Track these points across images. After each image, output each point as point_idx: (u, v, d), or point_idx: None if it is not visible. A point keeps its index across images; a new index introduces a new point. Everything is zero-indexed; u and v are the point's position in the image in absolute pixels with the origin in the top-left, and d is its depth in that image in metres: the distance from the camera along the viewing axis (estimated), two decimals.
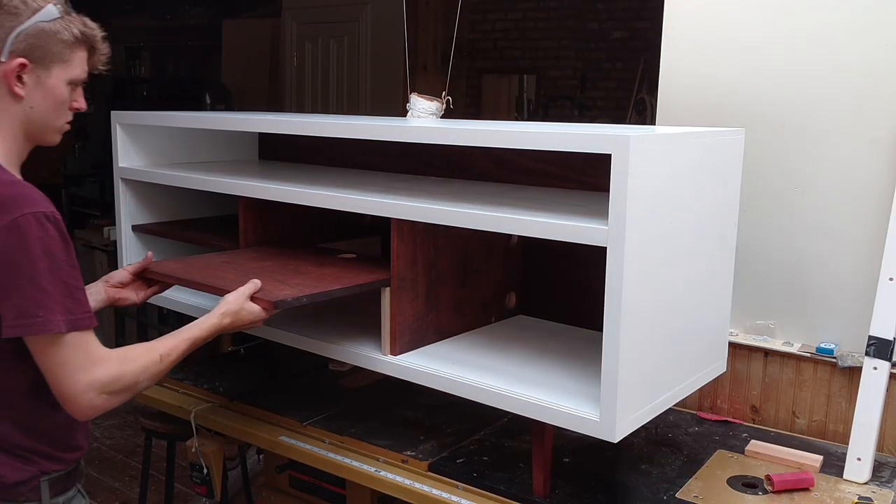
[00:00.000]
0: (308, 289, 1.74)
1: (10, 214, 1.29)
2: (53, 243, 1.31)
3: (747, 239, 2.16)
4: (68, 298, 1.32)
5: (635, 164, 1.43)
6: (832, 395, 2.15)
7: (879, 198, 2.05)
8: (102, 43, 1.49)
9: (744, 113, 2.21)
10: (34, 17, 1.37)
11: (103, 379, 1.36)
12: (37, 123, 1.43)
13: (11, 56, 1.36)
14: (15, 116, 1.41)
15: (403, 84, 2.90)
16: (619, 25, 6.67)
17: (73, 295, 1.33)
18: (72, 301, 1.32)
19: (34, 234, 1.29)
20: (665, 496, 1.77)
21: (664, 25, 2.33)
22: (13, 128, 1.41)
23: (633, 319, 1.51)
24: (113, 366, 1.38)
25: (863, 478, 1.86)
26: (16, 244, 1.28)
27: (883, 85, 2.04)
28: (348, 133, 1.94)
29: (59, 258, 1.31)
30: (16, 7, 1.35)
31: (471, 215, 1.67)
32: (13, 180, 1.37)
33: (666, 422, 2.15)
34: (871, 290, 1.94)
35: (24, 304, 1.28)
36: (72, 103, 1.47)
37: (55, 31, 1.39)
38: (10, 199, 1.31)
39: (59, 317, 1.30)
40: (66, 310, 1.31)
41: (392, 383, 2.03)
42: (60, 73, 1.42)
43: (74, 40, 1.42)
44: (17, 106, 1.40)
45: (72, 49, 1.42)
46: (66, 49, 1.41)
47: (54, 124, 1.46)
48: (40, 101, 1.41)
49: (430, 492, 1.84)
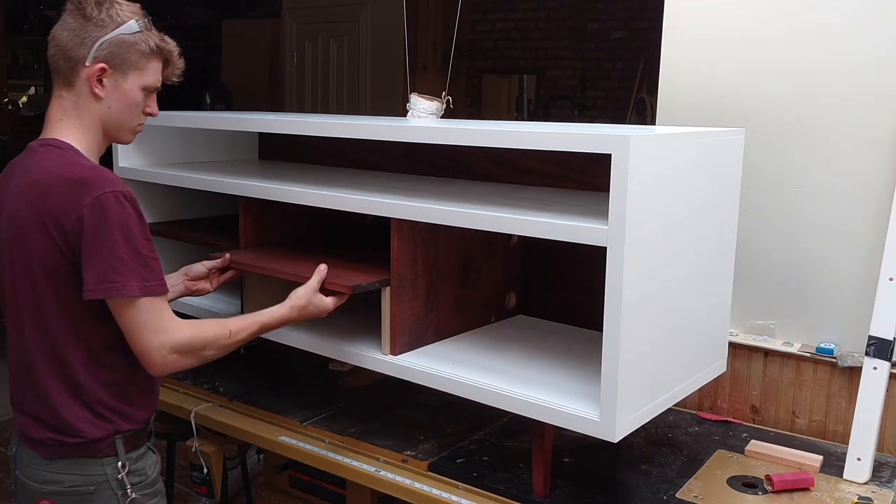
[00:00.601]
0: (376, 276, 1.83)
1: (93, 192, 1.47)
2: (129, 218, 1.49)
3: (747, 239, 2.16)
4: (142, 267, 1.49)
5: (635, 164, 1.43)
6: (832, 395, 2.15)
7: (879, 197, 2.05)
8: (178, 57, 1.68)
9: (744, 113, 2.21)
10: (117, 30, 1.56)
11: (175, 341, 1.53)
12: (113, 122, 1.62)
13: (95, 61, 1.56)
14: (95, 114, 1.60)
15: (403, 84, 2.90)
16: (619, 25, 6.68)
17: (147, 264, 1.50)
18: (145, 269, 1.49)
19: (114, 209, 1.47)
20: (665, 496, 1.77)
21: (664, 25, 2.33)
22: (93, 123, 1.61)
23: (633, 319, 1.51)
24: (186, 330, 1.56)
25: (863, 478, 1.86)
26: (98, 218, 1.46)
27: (883, 85, 2.04)
28: (348, 133, 1.94)
29: (134, 231, 1.49)
30: (102, 20, 1.56)
31: (471, 215, 1.67)
32: (95, 165, 1.57)
33: (666, 422, 2.15)
34: (871, 290, 1.94)
35: (103, 270, 1.46)
36: (145, 108, 1.65)
37: (134, 42, 1.58)
38: (93, 179, 1.50)
39: (134, 283, 1.48)
40: (140, 277, 1.48)
41: (392, 383, 2.03)
42: (136, 79, 1.60)
43: (150, 52, 1.61)
44: (97, 105, 1.59)
45: (147, 59, 1.61)
46: (142, 59, 1.60)
47: (128, 125, 1.65)
48: (117, 102, 1.60)
49: (430, 492, 1.84)
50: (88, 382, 1.55)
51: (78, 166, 1.53)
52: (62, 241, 1.48)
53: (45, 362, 1.55)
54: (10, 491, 3.63)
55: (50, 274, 1.51)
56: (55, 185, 1.50)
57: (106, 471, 1.58)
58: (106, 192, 1.48)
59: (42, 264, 1.50)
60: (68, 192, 1.48)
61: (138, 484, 1.62)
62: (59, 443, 1.56)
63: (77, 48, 1.55)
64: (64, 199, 1.48)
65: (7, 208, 1.57)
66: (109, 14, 1.56)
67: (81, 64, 1.56)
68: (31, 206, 1.51)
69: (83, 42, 1.55)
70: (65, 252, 1.49)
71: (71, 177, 1.50)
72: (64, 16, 1.58)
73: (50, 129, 1.61)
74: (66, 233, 1.48)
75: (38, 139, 1.61)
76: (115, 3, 1.58)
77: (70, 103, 1.59)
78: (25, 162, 1.59)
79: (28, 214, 1.51)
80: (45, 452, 1.57)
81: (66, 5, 1.58)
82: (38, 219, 1.50)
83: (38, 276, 1.51)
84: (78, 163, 1.55)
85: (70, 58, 1.56)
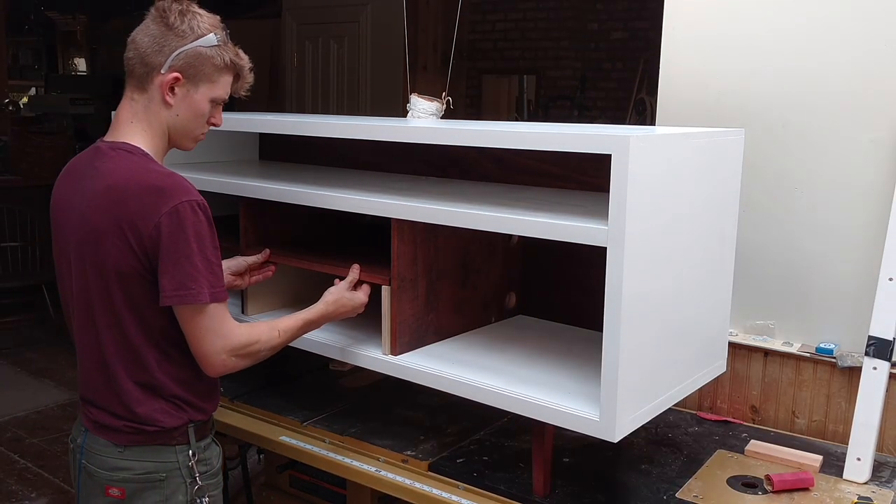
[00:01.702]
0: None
1: (171, 201, 1.52)
2: (203, 227, 1.54)
3: (747, 239, 2.16)
4: (211, 275, 1.55)
5: (635, 164, 1.43)
6: (832, 395, 2.15)
7: (879, 197, 2.05)
8: (248, 73, 1.71)
9: (744, 112, 2.22)
10: (196, 42, 1.59)
11: (234, 343, 1.59)
12: (178, 129, 1.66)
13: (170, 70, 1.59)
14: (163, 120, 1.63)
15: (403, 84, 2.90)
16: (619, 26, 6.68)
17: (214, 272, 1.56)
18: (213, 277, 1.55)
19: (189, 219, 1.52)
20: (665, 496, 1.77)
21: (664, 25, 2.33)
22: (161, 128, 1.64)
23: (633, 319, 1.51)
24: (243, 333, 1.61)
25: (862, 478, 1.86)
26: (175, 227, 1.51)
27: (883, 84, 2.04)
28: (349, 133, 1.94)
29: (206, 240, 1.54)
30: (184, 31, 1.59)
31: (471, 215, 1.68)
32: (170, 172, 1.59)
33: (666, 422, 2.15)
34: (870, 290, 1.94)
35: (180, 277, 1.52)
36: (210, 118, 1.68)
37: (210, 55, 1.61)
38: (171, 188, 1.54)
39: (206, 290, 1.53)
40: (210, 284, 1.54)
41: (392, 383, 2.04)
42: (206, 91, 1.64)
43: (224, 66, 1.64)
44: (166, 112, 1.62)
45: (220, 73, 1.64)
46: (215, 72, 1.63)
47: (192, 133, 1.68)
48: (185, 111, 1.63)
49: (431, 492, 1.84)
50: (162, 378, 1.60)
51: (154, 173, 1.57)
52: (138, 246, 1.52)
53: (122, 362, 1.59)
54: (10, 491, 3.63)
55: (124, 277, 1.54)
56: (132, 191, 1.53)
57: (178, 458, 1.63)
58: (183, 202, 1.52)
59: (116, 268, 1.54)
60: (146, 199, 1.52)
61: (205, 473, 1.68)
62: (136, 429, 1.60)
63: (155, 55, 1.58)
64: (142, 206, 1.51)
65: (78, 211, 1.59)
66: (191, 25, 1.59)
67: (157, 71, 1.59)
68: (107, 210, 1.53)
69: (161, 50, 1.58)
70: (140, 257, 1.52)
71: (149, 184, 1.54)
72: (146, 21, 1.61)
73: (119, 130, 1.63)
74: (143, 238, 1.51)
75: (106, 140, 1.64)
76: (198, 15, 1.61)
77: (141, 107, 1.62)
78: (96, 165, 1.60)
79: (104, 219, 1.54)
80: (120, 440, 1.61)
81: (149, 10, 1.61)
82: (115, 223, 1.52)
83: (111, 279, 1.55)
84: (153, 169, 1.58)
85: (147, 63, 1.59)
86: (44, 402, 4.63)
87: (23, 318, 5.98)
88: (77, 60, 10.75)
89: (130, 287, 1.55)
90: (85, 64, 10.50)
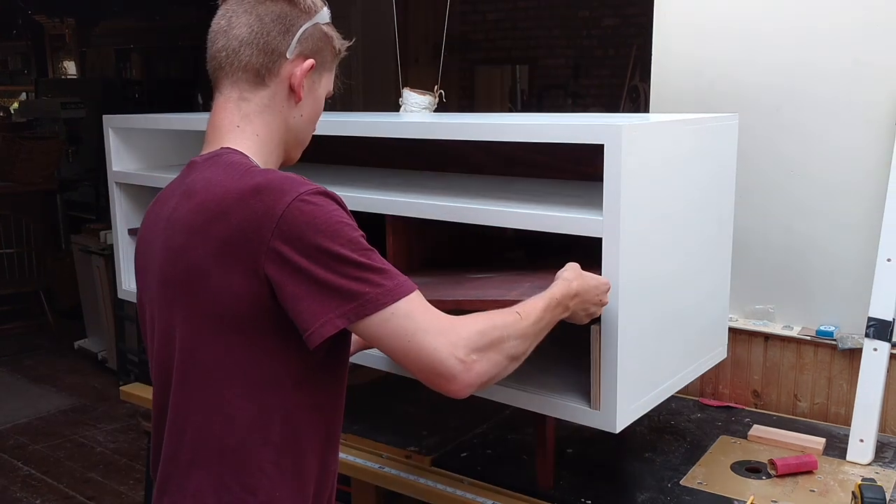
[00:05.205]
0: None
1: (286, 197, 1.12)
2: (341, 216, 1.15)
3: (744, 224, 2.15)
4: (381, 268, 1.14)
5: (628, 153, 1.43)
6: (833, 377, 2.15)
7: (876, 179, 2.04)
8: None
9: (738, 97, 2.21)
10: (316, 17, 1.23)
11: (463, 334, 1.14)
12: (298, 134, 1.29)
13: (298, 56, 1.21)
14: (284, 123, 1.25)
15: (395, 78, 2.89)
16: (610, 13, 6.66)
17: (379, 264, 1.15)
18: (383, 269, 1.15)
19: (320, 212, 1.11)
20: (669, 483, 1.77)
21: (655, 11, 2.32)
22: (279, 133, 1.26)
23: (632, 309, 1.51)
24: (467, 322, 1.17)
25: (866, 459, 1.86)
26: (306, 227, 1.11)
27: (878, 66, 2.03)
28: (340, 130, 1.93)
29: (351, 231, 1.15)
30: (307, 6, 1.21)
31: (465, 210, 1.66)
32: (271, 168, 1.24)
33: (668, 409, 2.15)
34: (869, 272, 1.94)
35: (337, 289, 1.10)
36: None
37: (331, 36, 1.26)
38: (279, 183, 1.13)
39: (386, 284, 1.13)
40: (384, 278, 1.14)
41: (393, 379, 2.03)
42: (327, 83, 1.29)
43: (338, 53, 1.30)
44: (291, 111, 1.25)
45: (333, 59, 1.29)
46: (334, 58, 1.29)
47: (306, 140, 1.32)
48: (308, 110, 1.28)
49: (435, 486, 1.83)
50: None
51: (254, 171, 1.16)
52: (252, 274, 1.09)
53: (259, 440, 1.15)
54: (14, 498, 3.63)
55: (241, 322, 1.12)
56: (231, 199, 1.12)
57: None
58: (301, 194, 1.11)
59: (231, 311, 1.11)
60: (254, 205, 1.10)
61: None
62: None
63: (281, 36, 1.20)
64: (250, 214, 1.10)
65: (161, 242, 1.19)
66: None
67: (283, 57, 1.21)
68: (204, 233, 1.12)
69: (289, 29, 1.20)
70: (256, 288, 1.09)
71: (253, 185, 1.12)
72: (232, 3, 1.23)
73: (220, 140, 1.23)
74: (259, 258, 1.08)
75: (203, 154, 1.25)
76: None
77: (255, 107, 1.23)
78: (186, 182, 1.21)
79: (201, 246, 1.12)
80: None
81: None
82: (217, 249, 1.11)
83: (226, 328, 1.12)
84: (252, 167, 1.17)
85: (269, 49, 1.20)
86: (45, 409, 4.63)
87: (20, 324, 5.98)
88: (67, 64, 10.72)
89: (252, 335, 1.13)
90: (75, 67, 10.47)
